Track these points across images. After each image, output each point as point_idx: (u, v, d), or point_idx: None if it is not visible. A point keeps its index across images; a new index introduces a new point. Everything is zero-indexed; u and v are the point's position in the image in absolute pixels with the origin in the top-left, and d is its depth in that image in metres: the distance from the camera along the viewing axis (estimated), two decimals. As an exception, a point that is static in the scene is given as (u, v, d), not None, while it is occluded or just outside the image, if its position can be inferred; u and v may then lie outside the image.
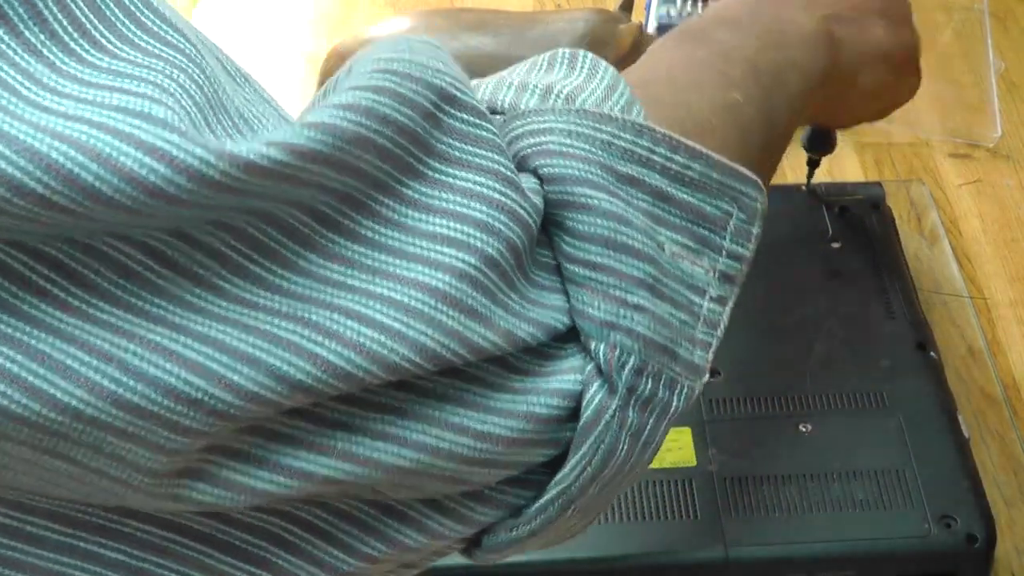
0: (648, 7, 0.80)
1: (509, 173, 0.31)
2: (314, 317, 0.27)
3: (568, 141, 0.33)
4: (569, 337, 0.32)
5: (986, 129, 0.74)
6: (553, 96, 0.36)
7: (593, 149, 0.33)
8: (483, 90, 0.37)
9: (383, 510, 0.31)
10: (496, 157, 0.31)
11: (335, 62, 0.65)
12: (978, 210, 0.70)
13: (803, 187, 0.64)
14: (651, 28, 0.79)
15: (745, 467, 0.52)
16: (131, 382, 0.25)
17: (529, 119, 0.34)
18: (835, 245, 0.62)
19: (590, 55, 0.39)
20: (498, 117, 0.35)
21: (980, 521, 0.50)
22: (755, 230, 0.35)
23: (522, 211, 0.31)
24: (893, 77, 0.51)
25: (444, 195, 0.30)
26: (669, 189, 0.34)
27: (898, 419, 0.53)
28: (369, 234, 0.28)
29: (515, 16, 0.66)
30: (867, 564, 0.50)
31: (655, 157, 0.34)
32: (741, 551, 0.49)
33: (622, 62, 0.63)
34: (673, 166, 0.34)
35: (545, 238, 0.33)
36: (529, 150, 0.33)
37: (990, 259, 0.67)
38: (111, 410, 0.25)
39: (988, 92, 0.76)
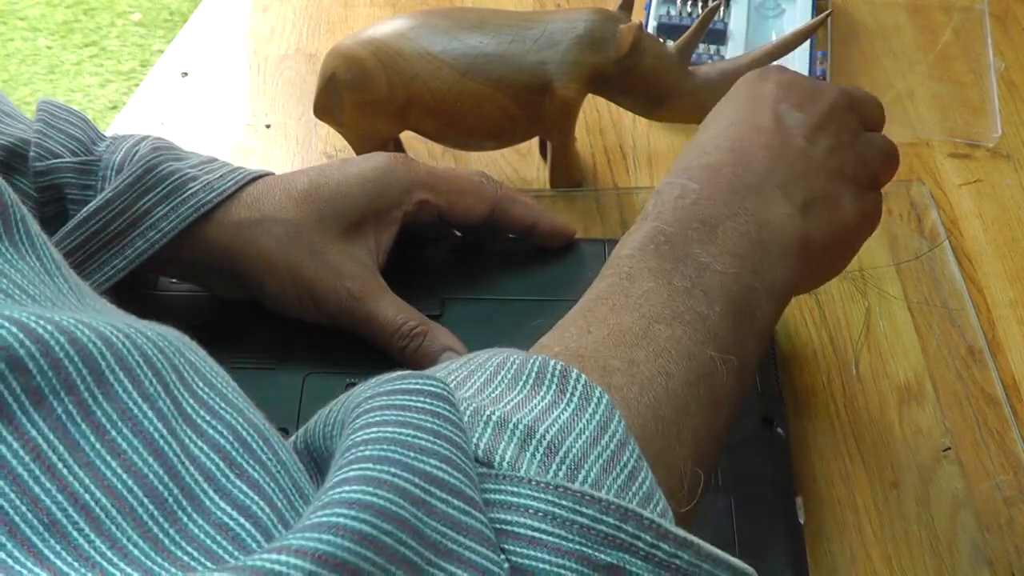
0: (648, 7, 0.80)
1: (497, 570, 0.30)
2: None
3: (541, 526, 0.31)
4: None
5: (986, 129, 0.74)
6: (533, 446, 0.33)
7: (569, 536, 0.31)
8: (461, 410, 0.34)
9: None
10: (484, 551, 0.30)
11: (335, 62, 0.65)
12: (978, 210, 0.70)
13: None
14: (651, 28, 0.79)
15: None
16: None
17: (501, 487, 0.32)
18: None
19: (583, 378, 0.35)
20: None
21: None
22: None
23: None
24: (854, 248, 0.50)
25: None
26: None
27: (728, 500, 0.49)
28: None
29: (515, 16, 0.66)
30: None
31: (639, 544, 0.31)
32: None
33: (622, 62, 0.64)
34: (659, 554, 0.31)
35: None
36: (497, 526, 0.31)
37: (990, 259, 0.67)
38: None
39: (988, 92, 0.76)
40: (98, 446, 0.26)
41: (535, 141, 0.73)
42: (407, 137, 0.70)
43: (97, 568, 0.25)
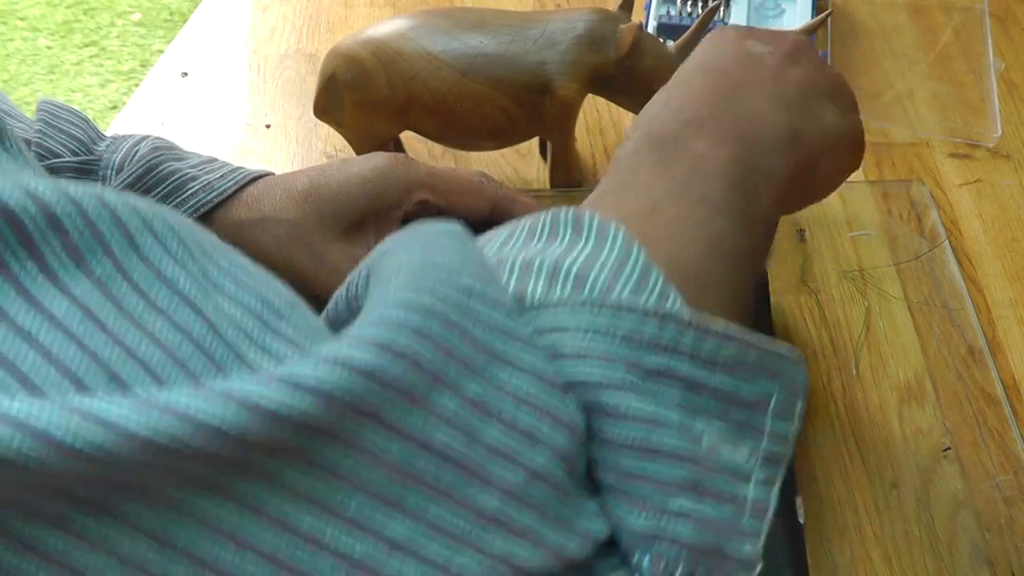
0: (648, 7, 0.80)
1: (550, 374, 0.30)
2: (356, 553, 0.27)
3: (585, 341, 0.31)
4: (610, 544, 0.31)
5: (986, 129, 0.74)
6: (561, 278, 0.33)
7: (614, 346, 0.31)
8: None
9: None
10: (534, 357, 0.30)
11: (335, 62, 0.65)
12: (978, 210, 0.70)
13: None
14: (651, 28, 0.79)
15: None
16: None
17: (540, 315, 0.32)
18: None
19: (596, 216, 0.36)
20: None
21: None
22: (798, 407, 0.33)
23: (565, 414, 0.30)
24: (843, 162, 0.49)
25: (498, 398, 0.29)
26: (701, 376, 0.31)
27: None
28: (441, 438, 0.28)
29: (515, 16, 0.66)
30: None
31: (682, 345, 0.31)
32: None
33: (622, 62, 0.64)
34: (703, 352, 0.31)
35: None
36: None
37: (990, 259, 0.67)
38: None
39: (988, 92, 0.76)
40: (141, 305, 0.26)
41: (535, 141, 0.73)
42: (407, 137, 0.70)
43: None
